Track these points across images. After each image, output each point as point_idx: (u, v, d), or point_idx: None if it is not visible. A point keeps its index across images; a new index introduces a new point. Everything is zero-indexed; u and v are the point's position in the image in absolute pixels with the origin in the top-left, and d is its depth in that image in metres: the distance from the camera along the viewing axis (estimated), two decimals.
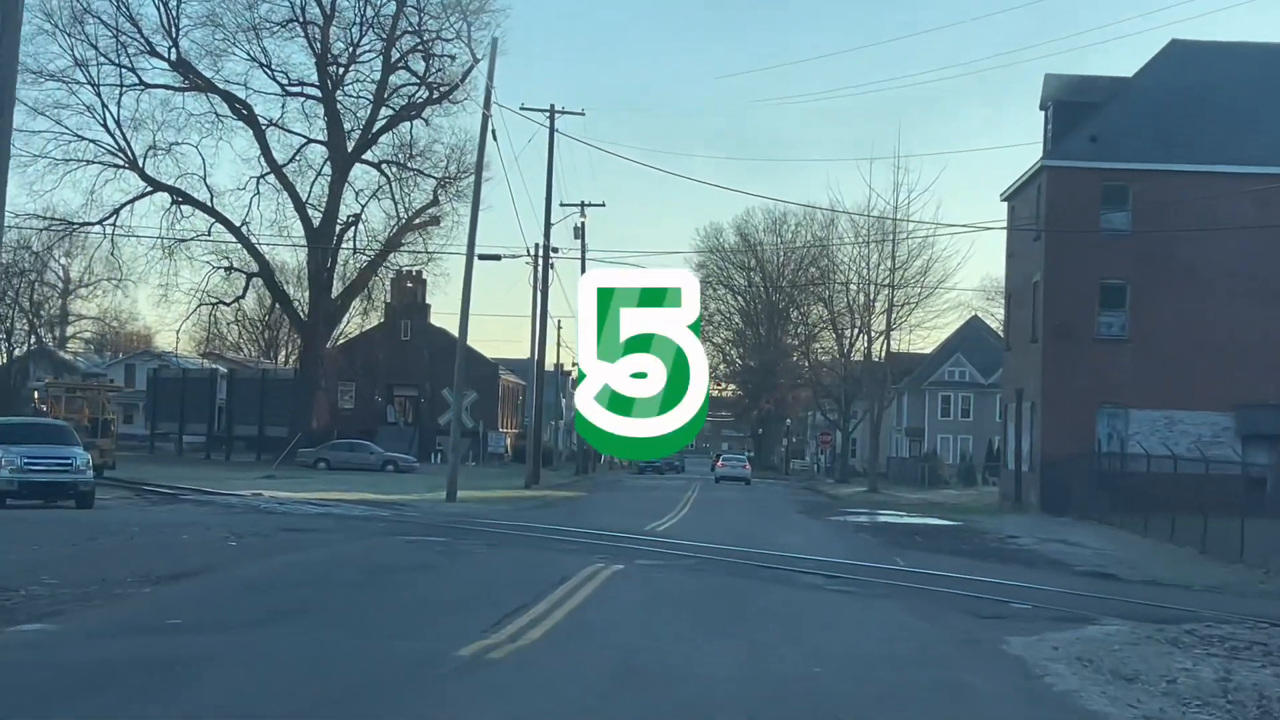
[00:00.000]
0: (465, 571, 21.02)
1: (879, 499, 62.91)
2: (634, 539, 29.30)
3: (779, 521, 42.38)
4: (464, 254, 70.37)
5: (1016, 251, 57.68)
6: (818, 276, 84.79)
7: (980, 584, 22.64)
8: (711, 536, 32.08)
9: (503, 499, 49.84)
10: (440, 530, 30.08)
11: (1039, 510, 51.28)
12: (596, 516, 39.79)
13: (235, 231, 76.93)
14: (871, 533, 38.78)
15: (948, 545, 35.33)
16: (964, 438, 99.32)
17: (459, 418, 47.38)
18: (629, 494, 61.73)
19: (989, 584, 22.68)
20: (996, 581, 23.09)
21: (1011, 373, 58.16)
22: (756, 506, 53.18)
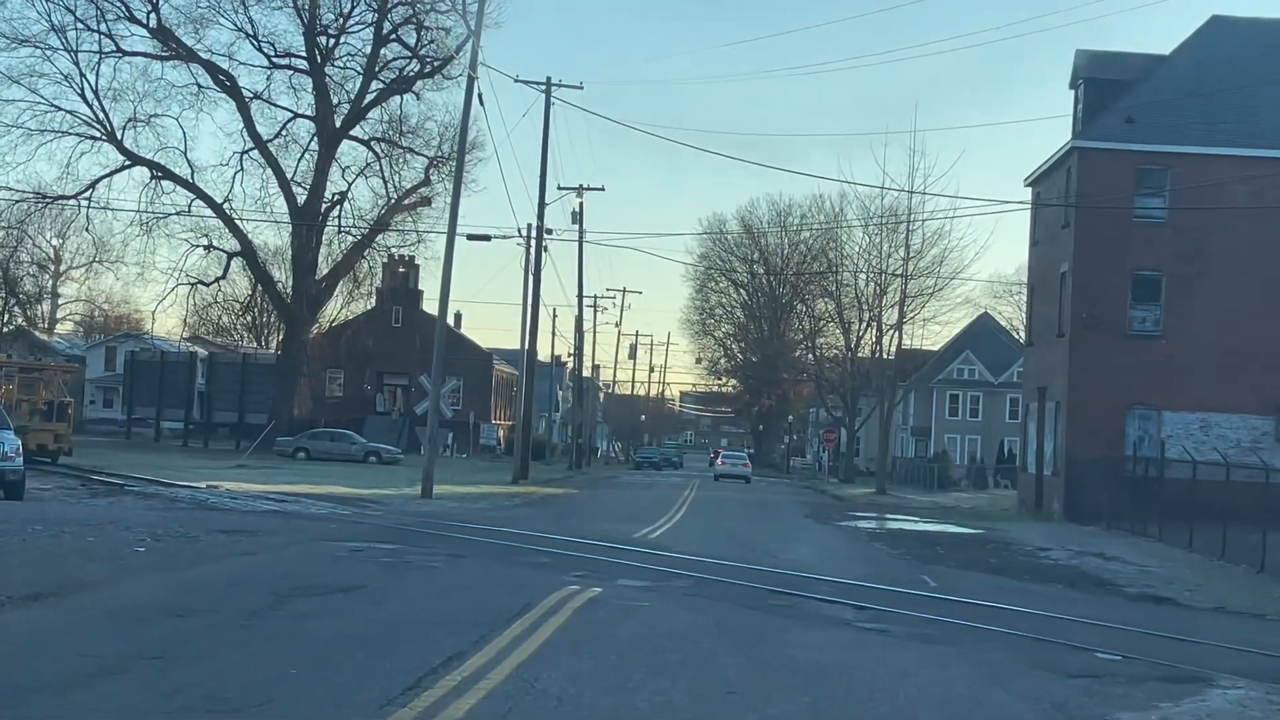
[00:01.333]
0: (403, 595, 16.62)
1: (888, 501, 58.54)
2: (621, 549, 24.89)
3: (785, 527, 38.00)
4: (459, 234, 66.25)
5: (1042, 240, 53.26)
6: (825, 267, 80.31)
7: (1041, 620, 18.25)
8: (710, 546, 27.72)
9: (484, 495, 45.46)
10: (398, 535, 25.71)
11: (1063, 518, 46.98)
12: (583, 519, 35.44)
13: (217, 209, 72.51)
14: (888, 542, 34.40)
15: (975, 559, 31.02)
16: (972, 438, 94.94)
17: (437, 406, 42.99)
18: (622, 492, 57.35)
19: (1052, 620, 18.28)
20: (1060, 617, 18.66)
21: (1034, 370, 53.77)
22: (759, 508, 48.79)
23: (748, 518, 41.68)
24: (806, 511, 48.29)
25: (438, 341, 43.22)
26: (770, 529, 36.46)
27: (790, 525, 39.18)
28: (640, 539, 28.63)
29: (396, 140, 74.39)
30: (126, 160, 72.76)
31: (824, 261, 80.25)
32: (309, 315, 73.74)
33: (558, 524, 32.27)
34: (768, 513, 46.02)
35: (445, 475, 57.15)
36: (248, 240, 73.63)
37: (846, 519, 44.59)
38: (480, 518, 33.06)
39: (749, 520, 40.26)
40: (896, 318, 61.90)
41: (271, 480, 47.03)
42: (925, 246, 59.93)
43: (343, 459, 68.10)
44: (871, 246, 62.08)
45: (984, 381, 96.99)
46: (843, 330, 77.59)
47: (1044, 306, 52.12)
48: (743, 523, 38.50)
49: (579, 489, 58.14)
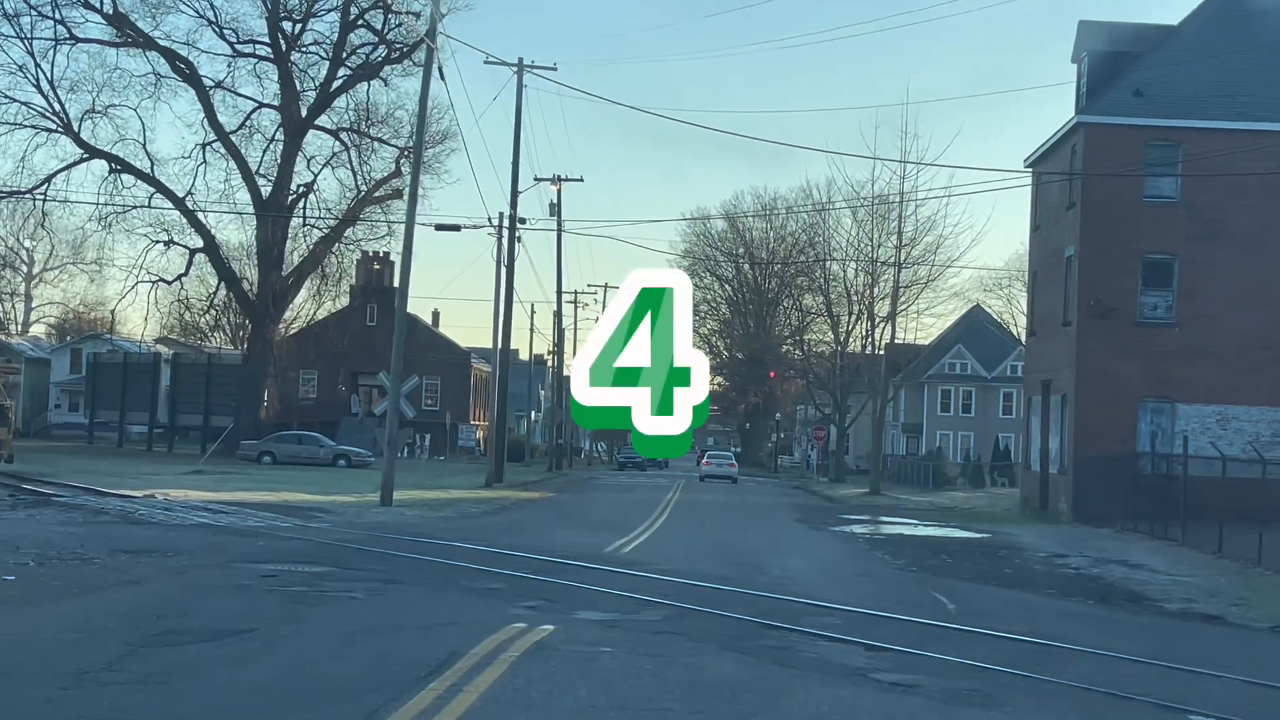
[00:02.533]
0: (295, 644, 12.95)
1: (882, 503, 54.93)
2: (588, 569, 21.22)
3: (775, 534, 34.35)
4: (424, 225, 62.37)
5: (1044, 223, 49.69)
6: (813, 259, 76.62)
7: (1098, 660, 14.63)
8: (693, 561, 24.07)
9: (452, 501, 41.79)
10: (331, 554, 22.03)
11: (1071, 519, 43.44)
12: (553, 529, 31.76)
13: (178, 203, 68.76)
14: (889, 551, 30.79)
15: (988, 570, 27.46)
16: (965, 434, 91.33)
17: (397, 405, 39.29)
18: (601, 495, 53.68)
19: (1111, 662, 14.65)
20: (1120, 657, 15.00)
21: (1036, 362, 50.19)
22: (747, 513, 45.14)
23: (735, 524, 38.06)
24: (798, 515, 44.69)
25: (396, 334, 39.55)
26: (759, 537, 32.82)
27: (781, 532, 35.55)
28: (613, 554, 24.95)
29: (365, 130, 70.70)
30: (84, 153, 69.11)
31: (811, 254, 76.61)
32: (275, 313, 69.98)
33: (523, 536, 28.63)
34: (756, 517, 42.42)
35: (414, 479, 53.51)
36: (210, 235, 69.90)
37: (840, 523, 41.00)
38: (437, 529, 29.38)
39: (736, 527, 36.64)
40: (889, 309, 58.26)
41: (223, 487, 43.42)
42: (919, 233, 56.39)
43: (310, 463, 64.45)
44: (861, 235, 58.55)
45: (977, 376, 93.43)
46: (831, 324, 73.90)
47: (1047, 294, 48.56)
48: (729, 530, 34.85)
49: (556, 492, 54.48)
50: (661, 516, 38.80)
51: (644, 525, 33.81)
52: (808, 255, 79.20)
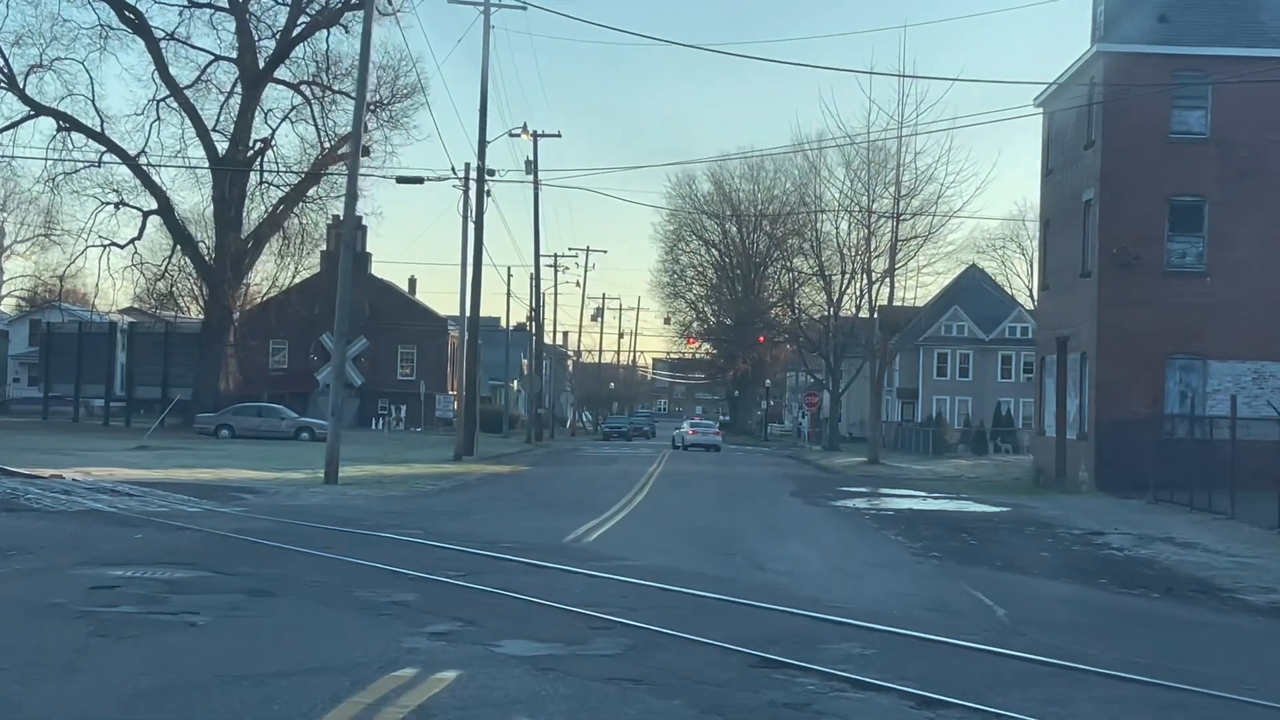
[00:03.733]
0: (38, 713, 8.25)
1: (883, 472, 50.27)
2: (535, 568, 16.50)
3: (769, 512, 29.63)
4: (385, 178, 57.48)
5: (1058, 166, 44.91)
6: (804, 216, 71.74)
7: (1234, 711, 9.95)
8: (672, 553, 19.35)
9: (407, 478, 37.07)
10: (212, 551, 17.29)
11: (1093, 489, 38.85)
12: (511, 510, 27.03)
13: (130, 162, 63.88)
14: (902, 531, 26.11)
15: (1022, 553, 22.91)
16: (963, 399, 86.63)
17: (341, 372, 34.49)
18: (578, 468, 48.97)
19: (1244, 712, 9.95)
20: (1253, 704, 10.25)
21: (1051, 317, 45.47)
22: (736, 486, 40.43)
23: (723, 499, 33.34)
24: (792, 488, 40.01)
25: (341, 288, 34.72)
26: (751, 516, 28.12)
27: (776, 509, 30.84)
28: (574, 544, 20.19)
29: (328, 84, 65.74)
30: (30, 110, 64.18)
31: (802, 211, 71.76)
32: (234, 278, 65.06)
33: (473, 520, 23.91)
34: (747, 492, 37.72)
35: (378, 453, 48.84)
36: (165, 196, 64.98)
37: (840, 497, 36.35)
38: (373, 514, 24.63)
39: (724, 503, 31.92)
40: (887, 265, 53.47)
41: (161, 464, 38.74)
42: (918, 183, 51.52)
43: (271, 436, 59.72)
44: (857, 185, 53.60)
45: (974, 339, 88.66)
46: (824, 284, 69.16)
47: (1062, 243, 43.84)
48: (717, 508, 30.11)
49: (530, 465, 49.76)
50: (641, 493, 34.08)
51: (619, 504, 29.08)
52: (798, 214, 74.33)
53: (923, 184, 51.12)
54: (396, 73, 66.93)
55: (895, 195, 51.34)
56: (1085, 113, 41.39)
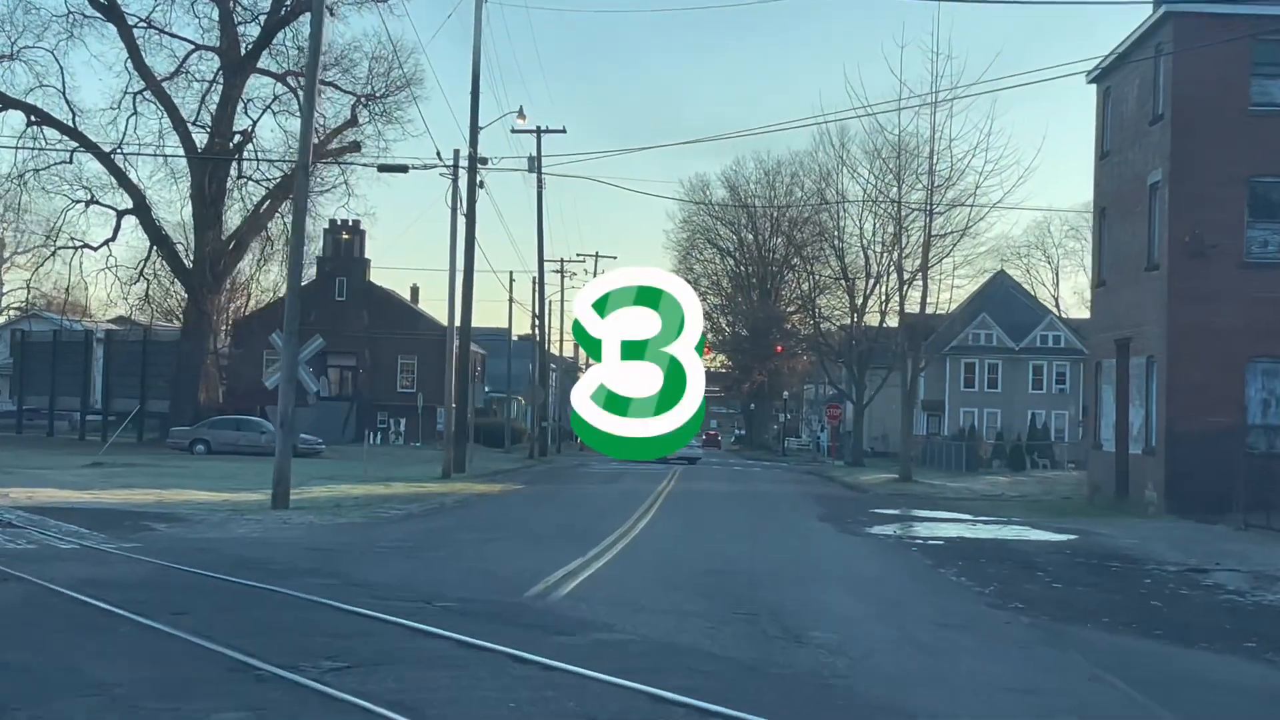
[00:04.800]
0: None
1: (918, 491, 44.68)
2: (467, 647, 11.00)
3: (798, 545, 24.10)
4: (367, 166, 52.47)
5: (1117, 147, 39.36)
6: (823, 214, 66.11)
7: None
8: (670, 613, 13.87)
9: (377, 499, 31.66)
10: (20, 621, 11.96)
11: (1163, 510, 33.33)
12: (477, 544, 21.49)
13: (103, 158, 58.70)
14: (963, 569, 20.64)
15: (1128, 604, 17.50)
16: (991, 411, 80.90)
17: (292, 375, 29.03)
18: (578, 487, 43.48)
19: None
20: None
21: (1108, 317, 39.86)
22: (755, 508, 34.85)
23: (740, 526, 27.80)
24: (819, 511, 34.48)
25: (290, 274, 29.33)
26: (776, 550, 22.62)
27: (804, 539, 25.31)
28: (539, 599, 14.64)
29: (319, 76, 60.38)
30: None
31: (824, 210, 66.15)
32: (214, 282, 59.75)
33: (419, 560, 18.45)
34: (768, 515, 32.22)
35: (358, 471, 43.52)
36: (141, 195, 59.72)
37: (877, 521, 30.85)
38: (297, 550, 19.19)
39: (742, 532, 26.39)
40: (920, 263, 47.85)
41: (104, 484, 33.63)
42: (954, 173, 45.93)
43: (250, 452, 54.39)
44: (886, 176, 47.94)
45: (1003, 348, 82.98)
46: (846, 288, 63.60)
47: (1122, 234, 38.28)
48: (733, 539, 24.57)
49: (526, 484, 44.28)
50: (644, 518, 28.59)
51: (615, 534, 23.59)
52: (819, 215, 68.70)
53: (958, 174, 45.64)
54: (390, 64, 61.71)
55: (929, 185, 45.79)
56: (1150, 84, 35.91)
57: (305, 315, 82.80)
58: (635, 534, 24.13)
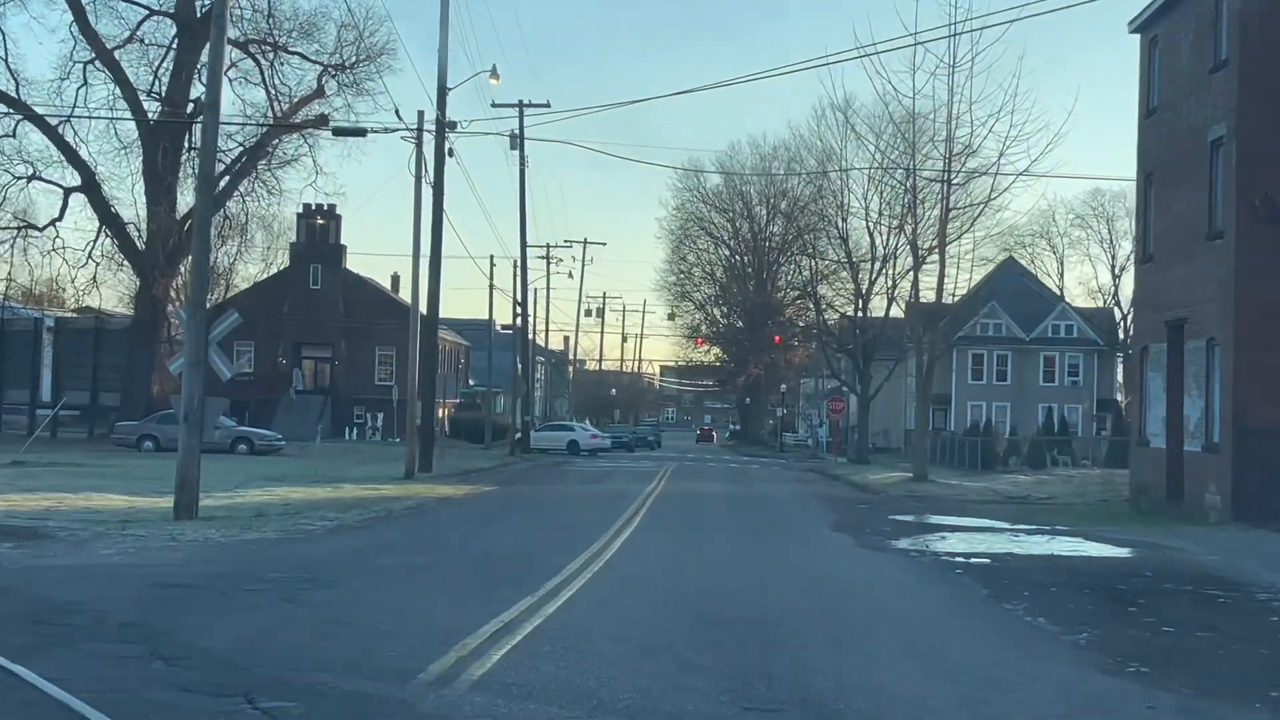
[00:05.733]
0: None
1: (935, 493, 39.44)
2: None
3: (817, 567, 18.83)
4: (320, 129, 47.31)
5: (1167, 102, 34.11)
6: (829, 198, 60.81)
7: None
8: (645, 710, 8.73)
9: (308, 507, 26.43)
10: None
11: (1229, 516, 28.17)
12: (391, 579, 16.00)
13: (49, 130, 53.44)
14: (1032, 602, 15.44)
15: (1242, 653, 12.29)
16: (1001, 405, 75.67)
17: (199, 359, 23.67)
18: (557, 489, 38.23)
19: None
20: None
21: (1157, 296, 34.60)
22: (759, 515, 29.57)
23: (742, 541, 22.53)
24: (831, 517, 29.24)
25: (197, 240, 23.93)
26: (789, 577, 17.38)
27: (823, 560, 20.06)
28: (428, 691, 9.31)
29: (279, 43, 55.23)
30: None
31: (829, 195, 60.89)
32: (168, 265, 54.45)
33: (296, 609, 13.14)
34: (773, 524, 26.98)
35: (311, 470, 38.30)
36: (90, 172, 54.44)
37: (901, 532, 25.63)
38: (133, 600, 13.90)
39: (745, 549, 21.14)
40: (937, 239, 42.50)
41: (8, 487, 28.41)
42: (974, 138, 40.43)
43: (202, 449, 48.98)
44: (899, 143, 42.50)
45: (1013, 338, 77.79)
46: (851, 273, 58.40)
47: (1176, 199, 33.02)
48: (734, 560, 19.29)
49: (500, 485, 39.02)
50: (625, 531, 23.35)
51: (584, 557, 18.34)
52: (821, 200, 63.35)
53: (979, 140, 40.30)
54: (361, 31, 56.47)
55: (946, 153, 40.43)
56: (1210, 26, 30.68)
57: (277, 305, 77.99)
58: (610, 555, 18.87)
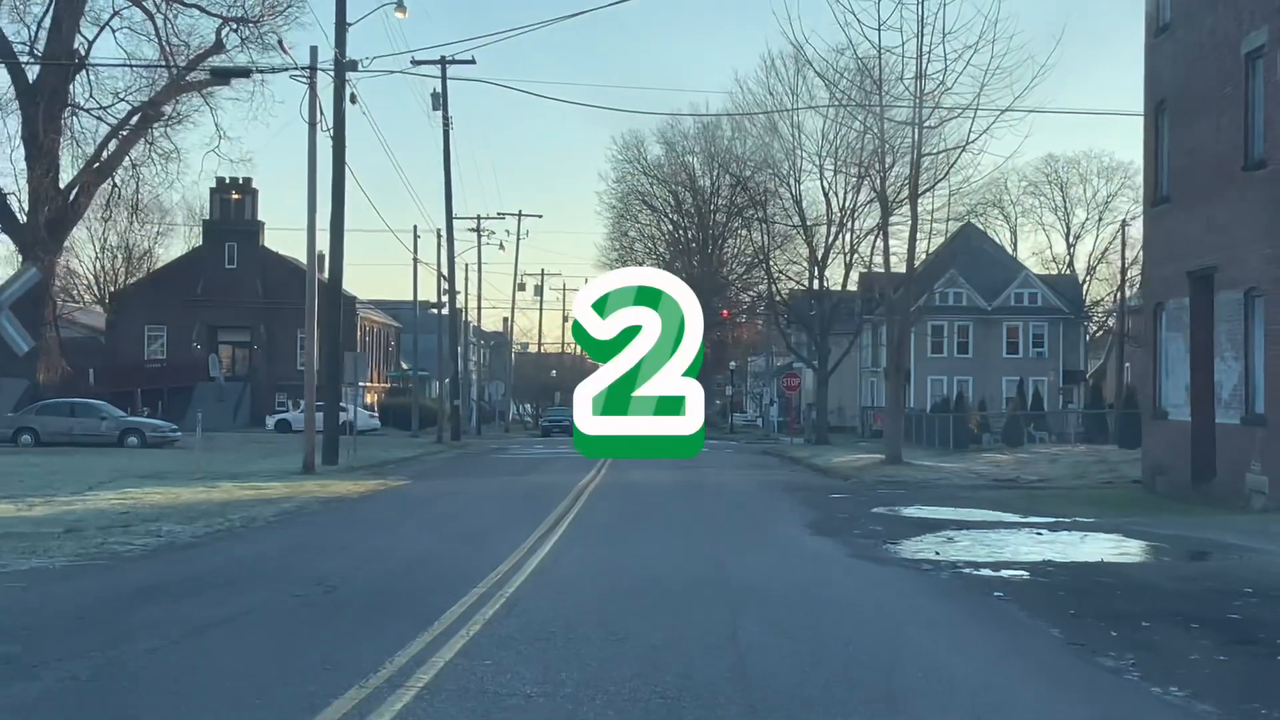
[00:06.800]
0: None
1: (914, 476, 34.01)
2: None
3: (793, 583, 13.36)
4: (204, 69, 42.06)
5: (1183, 16, 28.76)
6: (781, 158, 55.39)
7: None
8: None
9: (162, 514, 20.77)
10: None
11: (1273, 502, 23.03)
12: (183, 650, 10.55)
13: None
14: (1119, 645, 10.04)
15: None
16: (962, 379, 70.60)
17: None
18: (481, 482, 32.55)
19: None
20: None
21: (1174, 244, 29.23)
22: (716, 511, 23.99)
23: (698, 557, 16.99)
24: (804, 513, 23.73)
25: None
26: (763, 603, 11.87)
27: (805, 577, 14.53)
28: None
29: None
30: None
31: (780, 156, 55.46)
32: (50, 239, 48.39)
33: None
34: (736, 524, 21.49)
35: (191, 465, 32.55)
36: None
37: (894, 531, 20.23)
38: None
39: (701, 560, 15.66)
40: (909, 187, 37.07)
41: None
42: (948, 74, 34.80)
43: (87, 442, 43.28)
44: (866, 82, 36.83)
45: (975, 308, 72.72)
46: (805, 237, 53.10)
47: (1197, 129, 27.70)
48: (688, 587, 13.73)
49: (412, 479, 33.31)
50: (549, 539, 17.82)
51: (482, 587, 12.79)
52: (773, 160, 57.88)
53: (955, 76, 34.71)
54: None
55: (917, 91, 34.85)
56: None
57: (191, 286, 71.95)
58: (518, 585, 13.30)
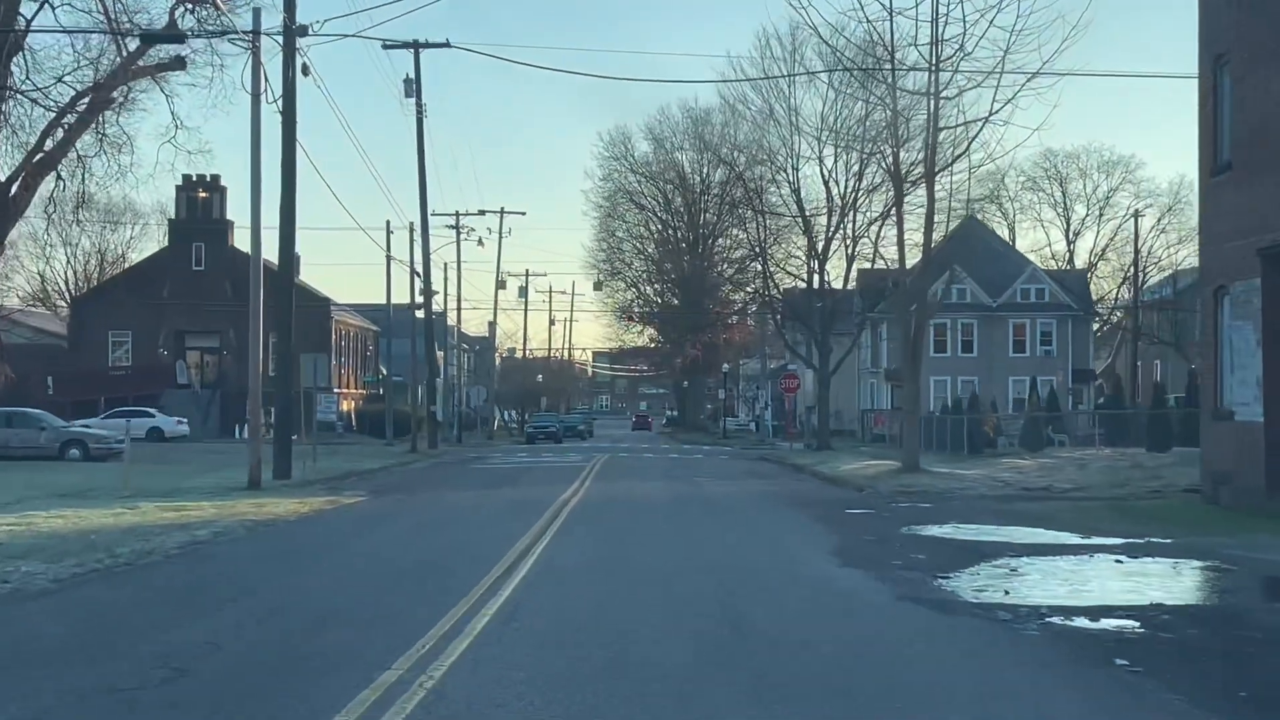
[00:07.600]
0: None
1: (935, 486, 29.95)
2: None
3: (829, 651, 9.38)
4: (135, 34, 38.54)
5: None
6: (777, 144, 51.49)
7: None
8: None
9: (54, 542, 16.68)
10: None
11: None
12: None
13: None
14: None
15: None
16: (967, 379, 66.59)
17: None
18: (452, 496, 28.49)
19: None
20: None
21: (1239, 217, 25.20)
22: (718, 536, 19.84)
23: (695, 595, 12.97)
24: (827, 538, 19.63)
25: None
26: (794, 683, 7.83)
27: (844, 633, 10.50)
28: None
29: None
30: None
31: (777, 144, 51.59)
32: None
33: None
34: (741, 554, 17.42)
35: (146, 482, 28.48)
36: None
37: (941, 560, 16.21)
38: None
39: (703, 609, 11.65)
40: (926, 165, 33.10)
41: None
42: (968, 36, 30.63)
43: (24, 455, 39.16)
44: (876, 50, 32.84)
45: (980, 305, 68.78)
46: (804, 228, 49.22)
47: (1268, 86, 23.72)
48: (688, 660, 9.74)
49: (372, 495, 29.20)
50: (514, 575, 13.80)
51: (412, 655, 8.77)
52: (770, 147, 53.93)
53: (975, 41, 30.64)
54: None
55: (933, 57, 30.87)
56: None
57: (157, 289, 67.87)
58: (447, 669, 9.22)
